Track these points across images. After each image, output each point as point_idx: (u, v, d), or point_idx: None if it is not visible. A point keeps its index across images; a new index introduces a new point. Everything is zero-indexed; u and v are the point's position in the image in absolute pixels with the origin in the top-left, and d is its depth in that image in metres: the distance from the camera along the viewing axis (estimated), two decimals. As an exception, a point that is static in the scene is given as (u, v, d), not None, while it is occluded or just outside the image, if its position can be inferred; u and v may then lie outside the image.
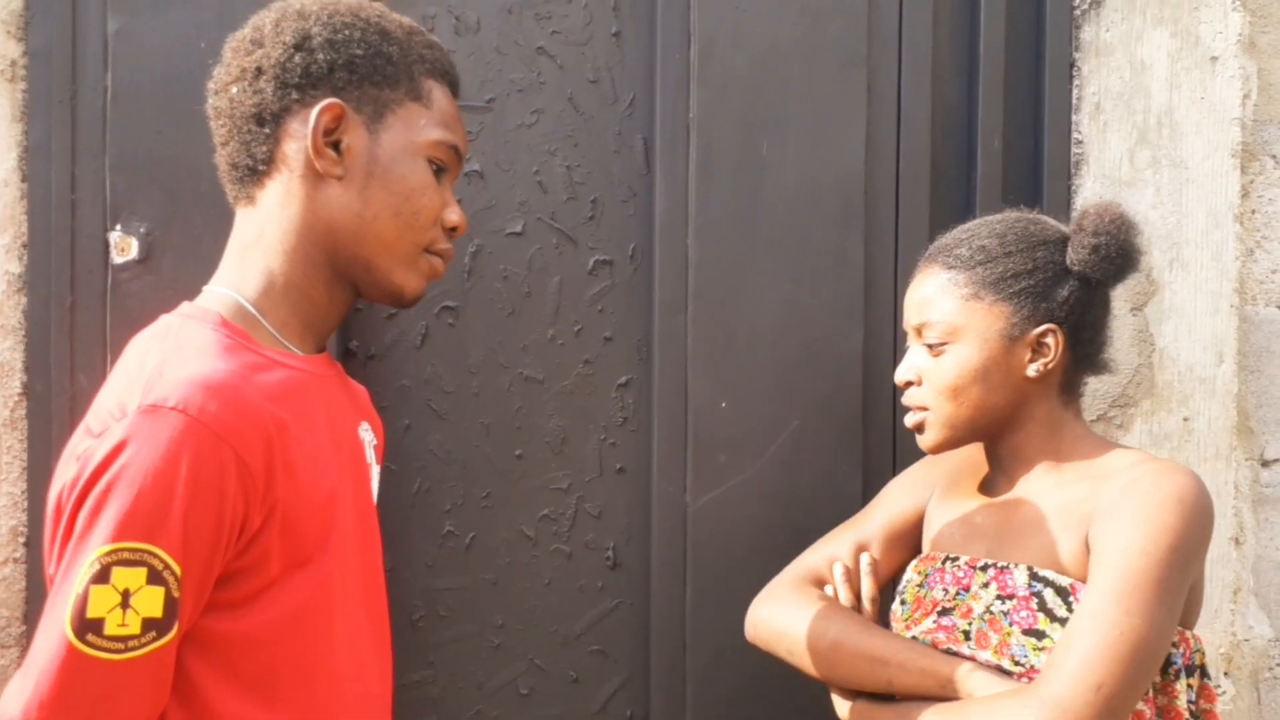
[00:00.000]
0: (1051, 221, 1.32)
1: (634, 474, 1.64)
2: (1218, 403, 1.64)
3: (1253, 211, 1.67)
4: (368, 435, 1.27)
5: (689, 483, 1.61)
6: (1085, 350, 1.29)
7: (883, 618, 1.37)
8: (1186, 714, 1.20)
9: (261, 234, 1.15)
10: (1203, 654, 1.24)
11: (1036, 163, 1.65)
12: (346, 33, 1.14)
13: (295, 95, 1.13)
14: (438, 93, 1.19)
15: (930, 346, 1.27)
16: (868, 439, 1.62)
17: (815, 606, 1.33)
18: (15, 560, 1.54)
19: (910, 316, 1.31)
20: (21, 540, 1.54)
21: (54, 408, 1.52)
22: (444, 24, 1.60)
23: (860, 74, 1.62)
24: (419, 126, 1.16)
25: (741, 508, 1.61)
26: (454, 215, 1.20)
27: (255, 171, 1.15)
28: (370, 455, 1.27)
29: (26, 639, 1.51)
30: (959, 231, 1.32)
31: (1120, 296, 1.64)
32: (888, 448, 1.62)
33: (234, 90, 1.14)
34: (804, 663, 1.32)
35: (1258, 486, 1.67)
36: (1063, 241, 1.28)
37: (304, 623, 1.09)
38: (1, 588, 1.52)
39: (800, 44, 1.61)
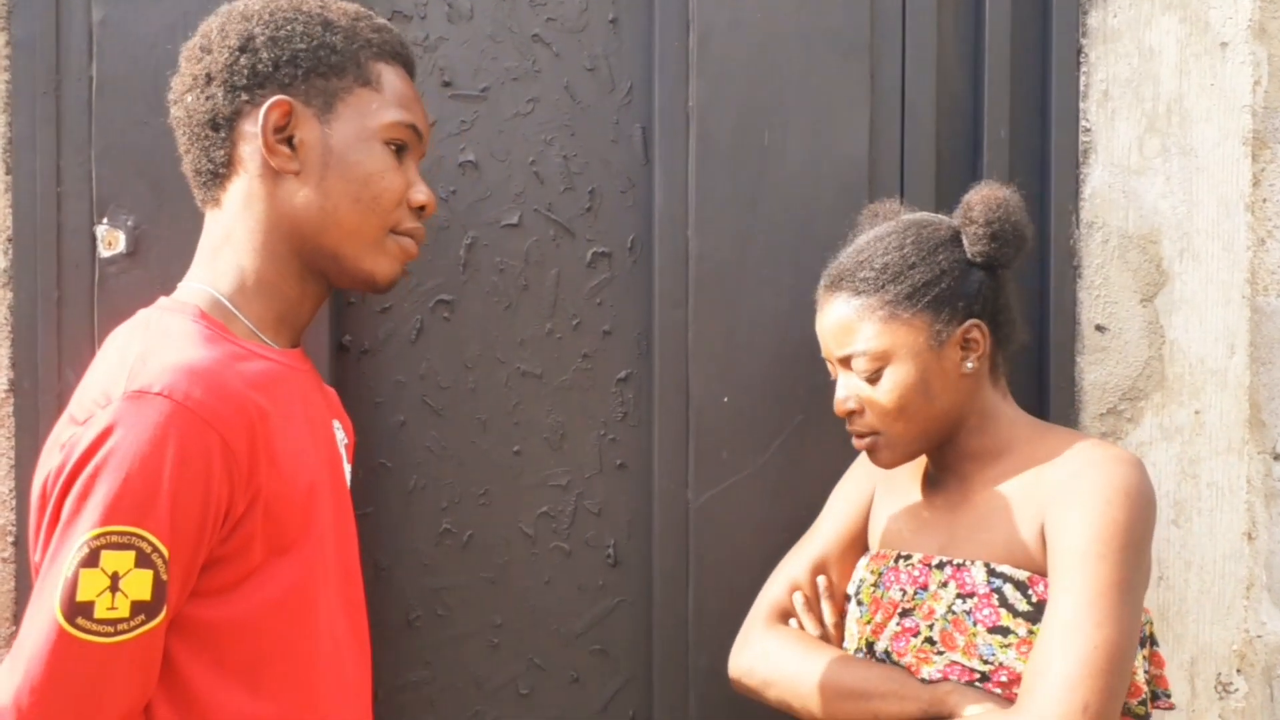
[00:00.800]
0: (937, 217, 1.34)
1: (634, 470, 1.61)
2: (1229, 395, 1.61)
3: (1264, 200, 1.64)
4: (339, 434, 1.28)
5: (691, 479, 1.58)
6: (1006, 332, 1.32)
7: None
8: (1144, 685, 1.24)
9: (229, 234, 1.17)
10: (1151, 624, 1.28)
11: (1044, 152, 1.62)
12: (288, 28, 1.15)
13: (245, 97, 1.15)
14: (389, 75, 1.20)
15: (860, 369, 1.28)
16: (872, 434, 1.58)
17: (791, 647, 1.35)
18: (4, 560, 1.51)
19: (831, 348, 1.31)
20: (10, 539, 1.51)
21: (41, 404, 1.49)
22: (436, 10, 1.57)
23: (863, 62, 1.58)
24: (371, 111, 1.17)
25: (745, 504, 1.58)
26: (420, 194, 1.21)
27: (217, 175, 1.17)
28: (342, 453, 1.28)
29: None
30: (854, 253, 1.32)
31: (1129, 288, 1.61)
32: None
33: (189, 99, 1.17)
34: (795, 708, 1.33)
35: (1270, 480, 1.64)
36: (956, 237, 1.31)
37: (286, 610, 1.10)
38: (-11, 589, 1.49)
39: (801, 31, 1.58)
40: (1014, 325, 1.33)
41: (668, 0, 1.56)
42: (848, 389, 1.30)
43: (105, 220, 1.49)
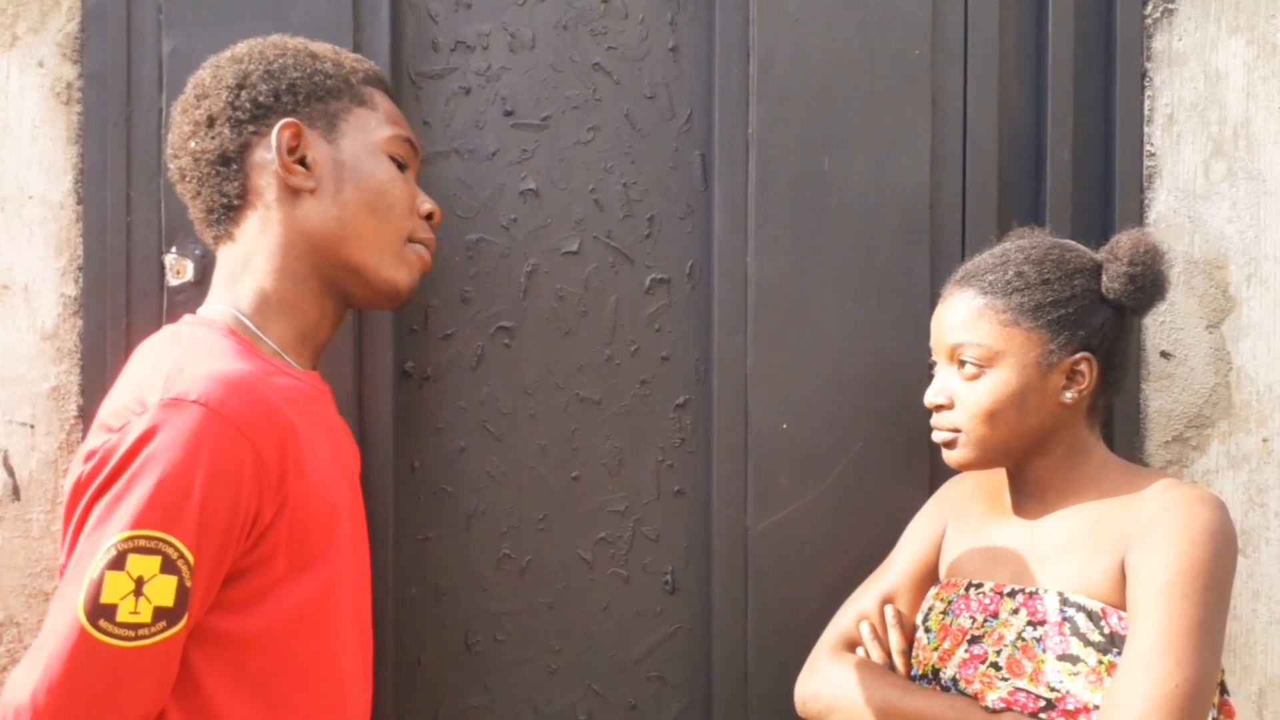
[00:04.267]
0: (1081, 248, 1.34)
1: (693, 497, 1.60)
2: (1299, 423, 1.58)
3: (1334, 224, 1.61)
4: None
5: (749, 506, 1.57)
6: (1114, 376, 1.32)
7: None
8: None
9: (248, 261, 1.21)
10: (1223, 670, 1.26)
11: (1107, 176, 1.60)
12: (280, 62, 1.22)
13: (251, 128, 1.20)
14: (379, 97, 1.27)
15: (964, 365, 1.29)
16: (934, 461, 1.57)
17: (854, 674, 1.36)
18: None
19: (944, 337, 1.32)
20: (78, 564, 1.53)
21: (110, 431, 1.51)
22: (498, 41, 1.58)
23: (924, 86, 1.58)
24: (371, 127, 1.24)
25: (804, 532, 1.57)
26: (428, 203, 1.28)
27: (230, 209, 1.21)
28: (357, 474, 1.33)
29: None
30: (991, 257, 1.33)
31: (1195, 314, 1.59)
32: (954, 470, 1.57)
33: (192, 145, 1.22)
34: None
35: (1341, 510, 1.61)
36: (1096, 269, 1.31)
37: (307, 623, 1.11)
38: (58, 612, 1.51)
39: (862, 57, 1.57)
40: (1125, 372, 1.34)
41: (728, 28, 1.57)
42: (942, 383, 1.32)
43: (174, 249, 1.51)
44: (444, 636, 1.58)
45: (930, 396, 1.33)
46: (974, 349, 1.28)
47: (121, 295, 1.51)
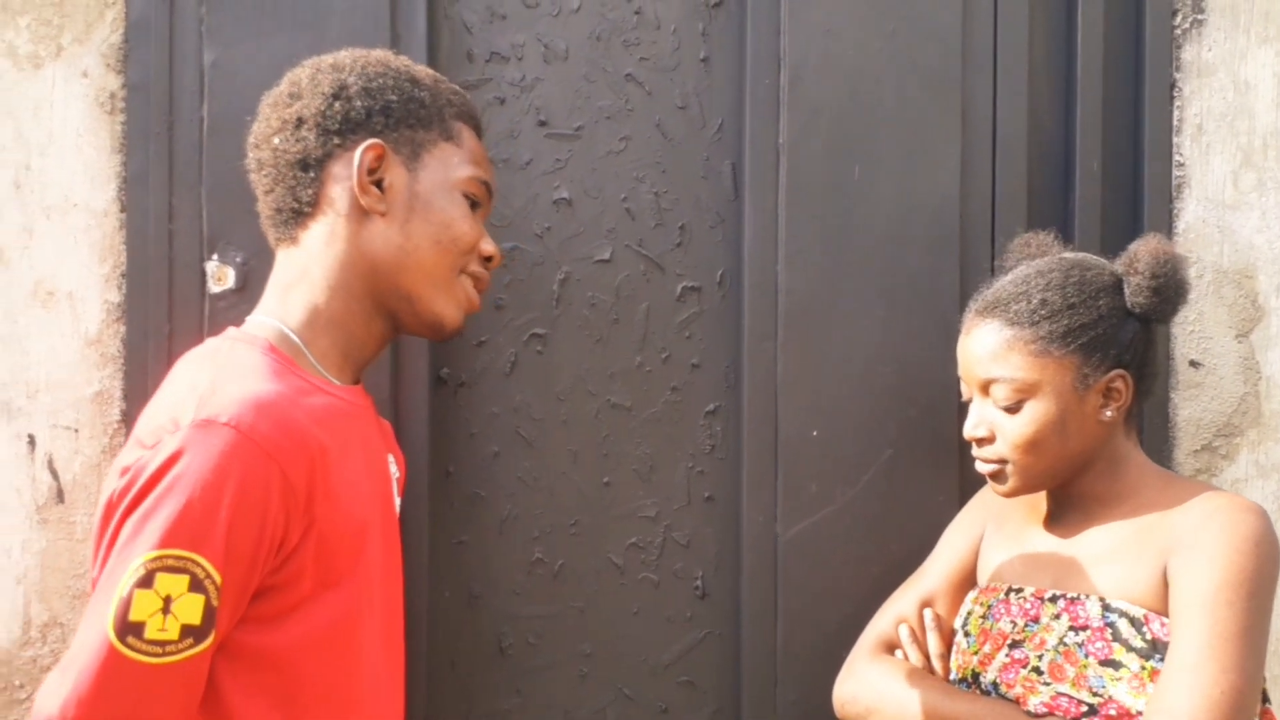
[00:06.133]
0: (1099, 261, 1.34)
1: (723, 503, 1.62)
2: (1328, 433, 1.59)
3: (1363, 234, 1.62)
4: (393, 468, 1.32)
5: (779, 512, 1.58)
6: (1147, 385, 1.33)
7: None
8: None
9: (305, 271, 1.22)
10: (1263, 679, 1.26)
11: (1136, 186, 1.61)
12: (380, 80, 1.23)
13: (337, 140, 1.21)
14: (466, 134, 1.29)
15: (1000, 398, 1.29)
16: (963, 469, 1.58)
17: (894, 677, 1.36)
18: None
19: (975, 371, 1.31)
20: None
21: (151, 435, 1.54)
22: (533, 52, 1.60)
23: (954, 97, 1.59)
24: (453, 164, 1.26)
25: (833, 538, 1.58)
26: (490, 245, 1.30)
27: (300, 214, 1.22)
28: (394, 488, 1.32)
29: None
30: (1011, 285, 1.32)
31: (1224, 323, 1.60)
32: (983, 478, 1.58)
33: (276, 141, 1.22)
34: None
35: (1371, 519, 1.61)
36: (1117, 284, 1.31)
37: (330, 642, 1.13)
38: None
39: (892, 68, 1.59)
40: (1155, 379, 1.35)
41: (759, 39, 1.58)
42: (980, 415, 1.31)
43: (215, 256, 1.53)
44: (477, 639, 1.60)
45: (970, 430, 1.32)
46: (1008, 383, 1.28)
47: (164, 302, 1.53)
